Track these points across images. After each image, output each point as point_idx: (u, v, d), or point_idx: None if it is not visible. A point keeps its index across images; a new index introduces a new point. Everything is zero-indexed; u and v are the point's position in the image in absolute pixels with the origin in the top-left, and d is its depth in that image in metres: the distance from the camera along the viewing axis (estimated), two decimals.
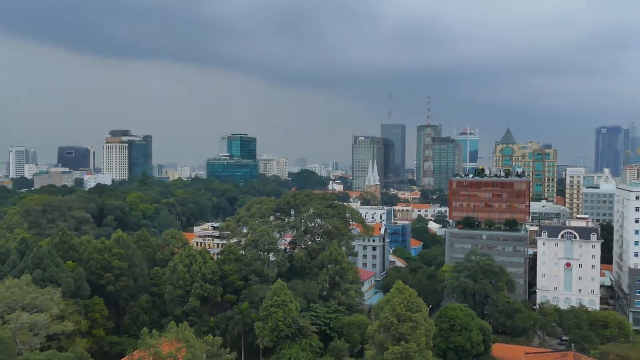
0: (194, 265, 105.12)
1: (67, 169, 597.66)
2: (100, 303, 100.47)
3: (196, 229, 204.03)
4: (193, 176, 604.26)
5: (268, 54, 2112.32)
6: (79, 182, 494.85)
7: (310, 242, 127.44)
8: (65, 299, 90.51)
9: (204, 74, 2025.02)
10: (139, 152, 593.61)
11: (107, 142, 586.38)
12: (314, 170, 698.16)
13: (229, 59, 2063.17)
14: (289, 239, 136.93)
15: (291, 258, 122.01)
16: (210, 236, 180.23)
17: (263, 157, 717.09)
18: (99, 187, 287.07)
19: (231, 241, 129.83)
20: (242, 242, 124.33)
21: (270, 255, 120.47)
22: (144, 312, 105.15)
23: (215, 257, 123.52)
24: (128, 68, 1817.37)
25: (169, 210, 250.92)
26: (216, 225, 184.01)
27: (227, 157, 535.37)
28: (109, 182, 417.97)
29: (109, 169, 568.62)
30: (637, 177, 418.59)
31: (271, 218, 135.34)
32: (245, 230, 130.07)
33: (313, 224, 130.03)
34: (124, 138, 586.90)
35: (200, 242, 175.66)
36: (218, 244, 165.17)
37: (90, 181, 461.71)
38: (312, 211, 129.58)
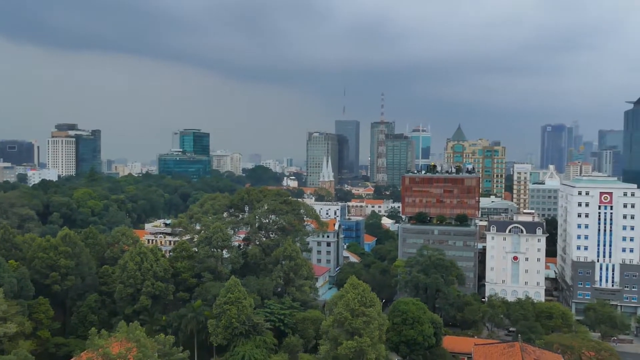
0: (145, 263, 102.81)
1: (9, 164, 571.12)
2: (45, 303, 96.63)
3: (147, 226, 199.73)
4: (144, 172, 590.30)
5: (222, 48, 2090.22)
6: (22, 177, 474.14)
7: (264, 239, 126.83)
8: (8, 299, 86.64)
9: (156, 67, 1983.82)
10: (86, 147, 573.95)
11: (52, 137, 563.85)
12: (268, 166, 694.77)
13: (182, 53, 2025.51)
14: (243, 236, 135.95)
15: (245, 255, 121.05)
16: (162, 233, 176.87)
17: (216, 153, 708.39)
18: (44, 183, 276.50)
19: (184, 238, 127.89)
20: (195, 239, 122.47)
21: (224, 252, 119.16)
22: (92, 311, 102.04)
23: (167, 255, 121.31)
24: (75, 60, 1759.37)
25: (118, 207, 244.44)
26: (168, 222, 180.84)
27: (180, 153, 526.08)
28: (54, 178, 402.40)
29: (54, 165, 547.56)
30: (580, 173, 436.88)
31: (225, 214, 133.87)
32: (198, 227, 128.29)
33: (267, 221, 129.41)
34: (71, 132, 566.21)
35: (152, 240, 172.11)
36: (170, 241, 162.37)
37: (34, 177, 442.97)
38: (266, 207, 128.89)
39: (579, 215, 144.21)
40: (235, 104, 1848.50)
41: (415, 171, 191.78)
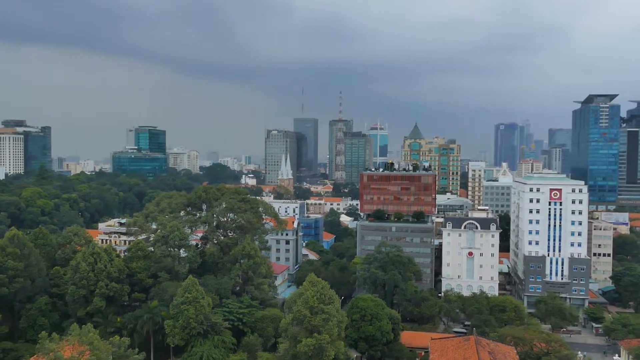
0: (99, 263, 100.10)
1: None
2: None
3: (101, 225, 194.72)
4: (97, 170, 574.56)
5: (178, 44, 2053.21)
6: None
7: (222, 237, 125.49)
8: None
9: (110, 63, 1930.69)
10: (36, 144, 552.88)
11: None
12: (226, 164, 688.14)
13: (136, 49, 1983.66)
14: (200, 235, 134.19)
15: (203, 254, 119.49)
16: (117, 233, 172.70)
17: (173, 151, 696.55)
18: None
19: (139, 237, 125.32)
20: (151, 239, 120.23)
21: (181, 251, 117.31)
22: (42, 314, 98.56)
23: (122, 255, 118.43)
24: (22, 54, 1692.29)
25: (70, 206, 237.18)
26: (123, 221, 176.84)
27: (135, 151, 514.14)
28: (1, 177, 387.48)
29: (1, 163, 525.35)
30: (531, 170, 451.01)
31: (182, 213, 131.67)
32: (154, 226, 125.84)
33: (225, 219, 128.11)
34: (19, 129, 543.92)
35: (106, 240, 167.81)
36: (125, 241, 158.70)
37: None
38: (224, 206, 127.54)
39: (530, 211, 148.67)
40: (192, 101, 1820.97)
41: (373, 169, 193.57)
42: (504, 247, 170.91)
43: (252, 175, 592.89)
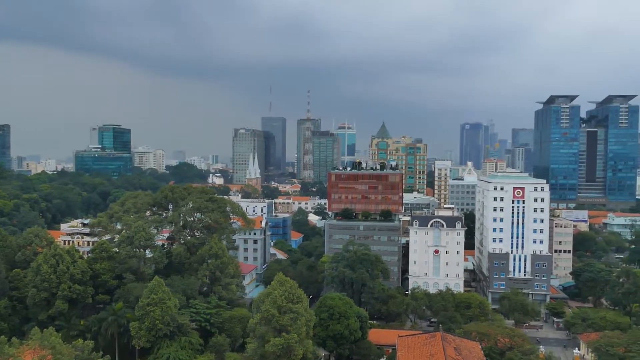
0: (61, 265, 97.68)
1: None
2: None
3: (63, 226, 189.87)
4: (59, 169, 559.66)
5: (143, 41, 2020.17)
6: None
7: (189, 237, 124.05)
8: None
9: (72, 60, 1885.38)
10: None
11: None
12: (193, 163, 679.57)
13: (102, 46, 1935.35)
14: (166, 235, 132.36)
15: (169, 254, 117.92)
16: (80, 234, 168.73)
17: (138, 150, 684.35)
18: None
19: (103, 238, 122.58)
20: (116, 239, 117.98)
21: (147, 251, 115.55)
22: (1, 319, 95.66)
23: (85, 256, 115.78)
24: None
25: (31, 206, 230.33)
26: (86, 221, 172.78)
27: (99, 149, 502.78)
28: None
29: None
30: (495, 169, 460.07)
31: (147, 213, 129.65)
32: (119, 227, 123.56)
33: (192, 219, 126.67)
34: None
35: (69, 241, 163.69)
36: (89, 242, 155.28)
37: None
38: (191, 205, 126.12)
39: (495, 210, 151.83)
40: (157, 99, 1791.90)
41: (341, 168, 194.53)
42: (469, 244, 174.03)
43: (219, 175, 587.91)
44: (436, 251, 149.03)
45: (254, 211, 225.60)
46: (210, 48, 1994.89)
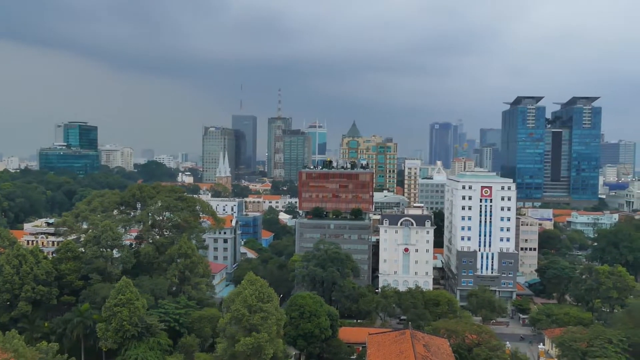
0: (24, 265, 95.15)
1: None
2: None
3: (27, 225, 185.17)
4: (23, 167, 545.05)
5: (112, 38, 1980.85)
6: None
7: (158, 237, 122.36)
8: None
9: (36, 55, 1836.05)
10: None
11: None
12: (162, 161, 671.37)
13: (69, 41, 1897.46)
14: (135, 234, 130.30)
15: (137, 254, 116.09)
16: (44, 233, 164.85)
17: (106, 148, 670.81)
18: None
19: (69, 238, 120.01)
20: (82, 239, 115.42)
21: (114, 251, 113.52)
22: None
23: (50, 256, 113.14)
24: None
25: None
26: (51, 221, 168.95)
27: (64, 147, 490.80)
28: None
29: None
30: (464, 169, 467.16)
31: (115, 212, 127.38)
32: (85, 226, 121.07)
33: (161, 218, 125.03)
34: None
35: (32, 241, 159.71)
36: (54, 242, 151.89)
37: None
38: (160, 204, 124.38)
39: (463, 208, 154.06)
40: (126, 96, 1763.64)
41: (312, 167, 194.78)
42: (438, 243, 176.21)
43: (189, 173, 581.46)
44: (406, 249, 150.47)
45: (224, 210, 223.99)
46: (179, 45, 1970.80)
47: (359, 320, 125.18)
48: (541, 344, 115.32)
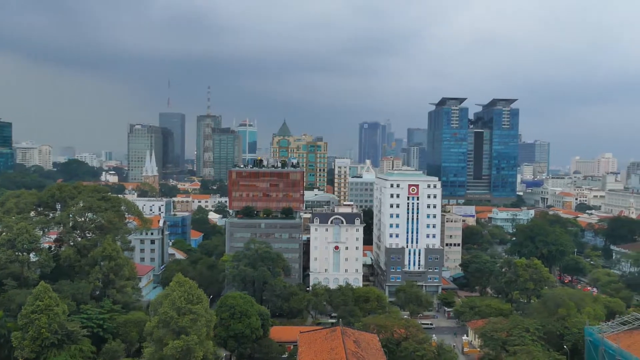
0: None
1: None
2: None
3: None
4: None
5: (28, 29, 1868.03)
6: None
7: (79, 239, 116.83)
8: None
9: None
10: None
11: None
12: (84, 160, 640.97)
13: None
14: (54, 237, 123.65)
15: (57, 257, 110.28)
16: None
17: (21, 145, 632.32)
18: None
19: None
20: None
21: (31, 255, 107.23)
22: None
23: None
24: None
25: None
26: None
27: None
28: None
29: None
30: (392, 167, 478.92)
31: (32, 214, 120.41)
32: None
33: (83, 219, 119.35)
34: None
35: None
36: None
37: None
38: (82, 204, 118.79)
39: (391, 206, 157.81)
40: (44, 91, 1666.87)
41: (242, 165, 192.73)
42: (368, 240, 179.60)
43: (113, 172, 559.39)
44: (336, 247, 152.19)
45: (151, 210, 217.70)
46: (101, 39, 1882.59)
47: (290, 319, 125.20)
48: (465, 335, 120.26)
